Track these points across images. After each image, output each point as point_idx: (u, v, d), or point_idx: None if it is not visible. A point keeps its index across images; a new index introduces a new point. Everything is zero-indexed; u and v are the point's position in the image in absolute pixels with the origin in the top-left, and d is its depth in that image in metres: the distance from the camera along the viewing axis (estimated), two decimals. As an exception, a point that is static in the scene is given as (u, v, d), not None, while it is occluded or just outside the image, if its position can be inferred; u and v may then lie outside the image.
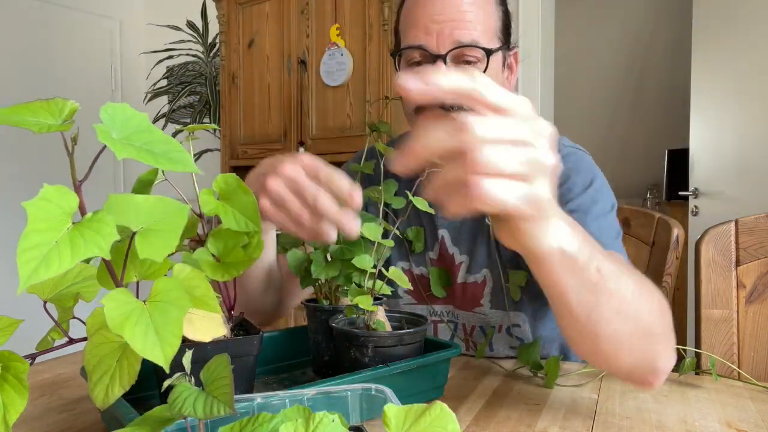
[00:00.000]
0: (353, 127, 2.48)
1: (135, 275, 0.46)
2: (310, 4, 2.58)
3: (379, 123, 0.86)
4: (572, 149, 0.93)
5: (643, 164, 4.16)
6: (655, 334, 0.59)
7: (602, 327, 0.55)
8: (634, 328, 0.57)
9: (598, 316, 0.54)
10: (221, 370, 0.39)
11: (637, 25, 4.19)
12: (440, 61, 0.83)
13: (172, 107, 3.12)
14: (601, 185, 0.89)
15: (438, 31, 0.83)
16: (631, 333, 0.57)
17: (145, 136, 0.39)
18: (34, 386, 0.78)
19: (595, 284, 0.52)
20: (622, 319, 0.55)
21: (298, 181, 0.63)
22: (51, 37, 3.42)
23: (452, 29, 0.83)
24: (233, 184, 0.59)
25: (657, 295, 0.61)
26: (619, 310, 0.55)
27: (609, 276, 0.53)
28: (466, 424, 0.65)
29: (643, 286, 0.59)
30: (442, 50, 0.84)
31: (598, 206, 0.85)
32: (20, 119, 0.37)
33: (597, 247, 0.54)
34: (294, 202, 0.64)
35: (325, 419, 0.36)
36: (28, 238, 0.34)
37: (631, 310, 0.56)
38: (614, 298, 0.54)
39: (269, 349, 0.78)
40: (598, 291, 0.53)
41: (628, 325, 0.56)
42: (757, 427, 0.65)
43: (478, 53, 0.84)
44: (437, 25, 0.83)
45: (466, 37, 0.83)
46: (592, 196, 0.86)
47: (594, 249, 0.53)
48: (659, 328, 0.60)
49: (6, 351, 0.42)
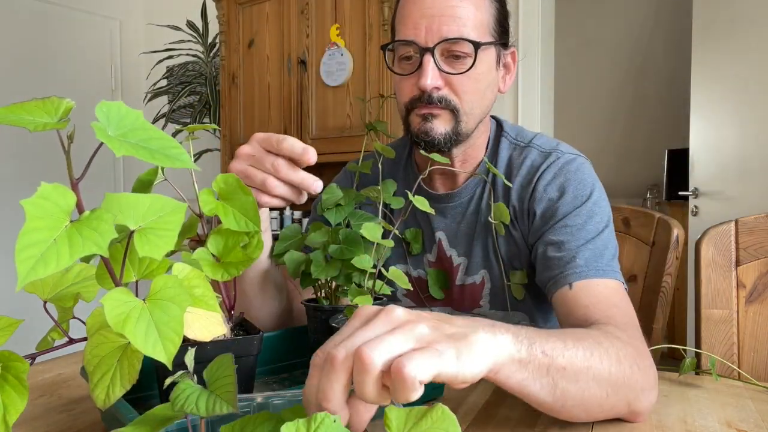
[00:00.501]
0: (353, 127, 2.48)
1: (134, 274, 0.46)
2: (310, 4, 2.58)
3: (377, 122, 0.86)
4: (571, 156, 0.91)
5: (643, 164, 4.17)
6: (622, 385, 0.62)
7: (568, 401, 0.58)
8: (597, 386, 0.60)
9: (561, 393, 0.57)
10: (224, 369, 0.39)
11: (637, 25, 4.19)
12: (427, 55, 0.84)
13: (172, 107, 3.12)
14: (598, 197, 0.87)
15: (427, 26, 0.84)
16: (597, 395, 0.60)
17: (141, 133, 0.39)
18: (34, 386, 0.78)
19: (547, 366, 0.56)
20: (584, 387, 0.59)
21: (256, 155, 0.71)
22: (51, 37, 3.42)
23: (440, 24, 0.83)
24: (233, 184, 0.59)
25: (615, 346, 0.63)
26: (577, 380, 0.58)
27: (555, 353, 0.56)
28: (466, 424, 0.65)
29: (594, 346, 0.61)
30: (429, 44, 0.84)
31: (593, 222, 0.84)
32: (16, 118, 0.37)
33: (533, 331, 0.57)
34: (256, 173, 0.71)
35: (326, 419, 0.36)
36: (26, 236, 0.34)
37: (590, 373, 0.59)
38: (568, 371, 0.57)
39: (269, 349, 0.78)
40: (551, 371, 0.56)
41: (592, 390, 0.59)
42: (757, 427, 0.65)
43: (466, 48, 0.84)
44: (426, 19, 0.84)
45: (454, 32, 0.83)
46: (589, 210, 0.85)
47: (530, 333, 0.56)
48: (625, 378, 0.62)
49: (6, 351, 0.42)
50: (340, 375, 0.43)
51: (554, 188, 0.88)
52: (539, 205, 0.88)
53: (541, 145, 0.94)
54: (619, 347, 0.64)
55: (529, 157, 0.92)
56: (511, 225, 0.91)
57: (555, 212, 0.86)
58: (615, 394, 0.61)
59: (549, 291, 0.83)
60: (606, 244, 0.83)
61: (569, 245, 0.82)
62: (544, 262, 0.85)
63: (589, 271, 0.79)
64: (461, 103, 0.86)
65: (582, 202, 0.86)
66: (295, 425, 0.36)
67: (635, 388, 0.63)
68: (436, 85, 0.85)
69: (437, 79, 0.84)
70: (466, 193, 0.96)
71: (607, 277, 0.79)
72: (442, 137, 0.87)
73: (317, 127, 2.61)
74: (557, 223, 0.85)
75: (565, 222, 0.85)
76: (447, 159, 0.76)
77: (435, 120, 0.86)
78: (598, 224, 0.84)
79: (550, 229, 0.85)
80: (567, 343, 0.59)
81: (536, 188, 0.89)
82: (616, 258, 0.84)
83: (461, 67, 0.85)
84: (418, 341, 0.45)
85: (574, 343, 0.59)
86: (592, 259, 0.80)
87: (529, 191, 0.90)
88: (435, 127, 0.86)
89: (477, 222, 0.95)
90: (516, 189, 0.91)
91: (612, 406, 0.62)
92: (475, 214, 0.95)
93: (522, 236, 0.91)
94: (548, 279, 0.83)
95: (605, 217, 0.86)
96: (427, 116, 0.87)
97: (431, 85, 0.84)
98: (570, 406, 0.59)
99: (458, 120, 0.87)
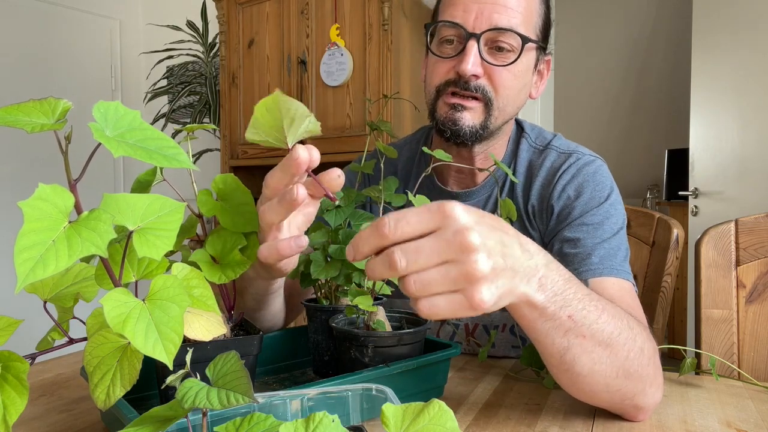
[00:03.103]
0: (353, 127, 2.48)
1: (133, 275, 0.46)
2: (310, 4, 2.58)
3: (379, 122, 0.86)
4: (590, 158, 0.92)
5: (643, 164, 4.16)
6: (634, 374, 0.62)
7: (576, 367, 0.59)
8: (610, 368, 0.60)
9: (571, 358, 0.58)
10: (231, 365, 0.39)
11: (637, 26, 4.19)
12: (472, 40, 0.81)
13: (172, 107, 3.11)
14: (615, 200, 0.88)
15: (477, 11, 0.82)
16: (607, 373, 0.60)
17: (138, 133, 0.39)
18: (34, 386, 0.78)
19: (567, 330, 0.57)
20: (597, 361, 0.59)
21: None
22: (51, 37, 3.42)
23: (492, 11, 0.81)
24: (232, 184, 0.59)
25: (642, 336, 0.63)
26: (592, 352, 0.58)
27: (582, 322, 0.57)
28: (466, 424, 0.64)
29: (624, 329, 0.61)
30: (477, 30, 0.81)
31: (609, 222, 0.85)
32: (14, 119, 0.37)
33: (575, 292, 0.57)
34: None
35: (325, 419, 0.36)
36: (24, 238, 0.34)
37: (606, 353, 0.59)
38: (588, 341, 0.58)
39: (269, 349, 0.78)
40: (570, 335, 0.57)
41: (604, 366, 0.60)
42: (757, 427, 0.65)
43: (513, 40, 0.82)
44: (478, 5, 0.82)
45: (504, 21, 0.81)
46: (606, 211, 0.86)
47: (569, 296, 0.56)
48: (640, 368, 0.62)
49: (6, 351, 0.42)
50: (376, 255, 0.49)
51: (573, 188, 0.89)
52: (557, 204, 0.89)
53: (560, 147, 0.94)
54: (645, 338, 0.64)
55: (549, 159, 0.93)
56: (530, 225, 0.92)
57: (572, 211, 0.87)
58: (625, 379, 0.61)
59: None
60: (619, 245, 0.84)
61: (585, 243, 0.83)
62: (558, 258, 0.85)
63: (603, 269, 0.80)
64: (497, 96, 0.85)
65: (600, 202, 0.87)
66: (294, 425, 0.36)
67: (645, 381, 0.63)
68: (475, 73, 0.82)
69: (478, 66, 0.82)
70: (484, 192, 0.96)
71: (620, 276, 0.80)
72: (468, 129, 0.85)
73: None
74: (574, 221, 0.86)
75: (582, 220, 0.85)
76: (449, 156, 0.74)
77: (465, 111, 0.84)
78: (613, 225, 0.85)
79: (567, 227, 0.86)
80: (602, 316, 0.59)
81: (555, 188, 0.89)
82: (627, 260, 0.84)
83: (503, 60, 0.83)
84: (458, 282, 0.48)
85: (608, 318, 0.59)
86: (606, 257, 0.81)
87: (548, 191, 0.90)
88: (464, 118, 0.84)
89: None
90: (536, 189, 0.92)
91: (617, 390, 0.62)
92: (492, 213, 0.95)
93: (540, 236, 0.92)
94: None
95: (620, 219, 0.87)
96: (456, 106, 0.85)
97: (471, 72, 0.82)
98: (576, 374, 0.60)
99: (489, 114, 0.85)
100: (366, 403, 0.52)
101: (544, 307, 0.54)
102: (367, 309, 0.66)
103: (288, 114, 0.51)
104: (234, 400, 0.36)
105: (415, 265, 0.48)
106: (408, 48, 2.44)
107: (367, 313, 0.69)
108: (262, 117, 0.52)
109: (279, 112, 0.51)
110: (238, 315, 0.64)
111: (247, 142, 2.89)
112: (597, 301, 0.60)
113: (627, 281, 0.80)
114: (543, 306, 0.54)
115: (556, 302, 0.55)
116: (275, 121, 0.52)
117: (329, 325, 0.71)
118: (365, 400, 0.52)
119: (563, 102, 4.16)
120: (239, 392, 0.37)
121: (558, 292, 0.55)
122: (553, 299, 0.55)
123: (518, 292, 0.52)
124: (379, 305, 0.70)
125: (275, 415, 0.41)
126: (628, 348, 0.60)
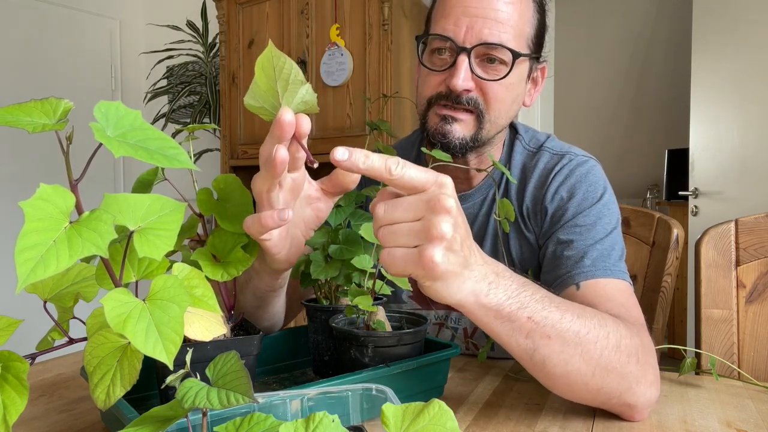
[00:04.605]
0: (353, 127, 2.48)
1: (134, 275, 0.46)
2: (310, 4, 2.58)
3: (379, 122, 0.85)
4: (583, 159, 0.92)
5: (643, 164, 4.16)
6: (613, 371, 0.62)
7: (548, 367, 0.61)
8: (585, 367, 0.61)
9: (541, 359, 0.60)
10: (231, 365, 0.39)
11: (637, 26, 4.19)
12: (463, 55, 0.81)
13: (172, 107, 3.11)
14: (608, 200, 0.88)
15: (468, 25, 0.81)
16: (582, 372, 0.61)
17: (139, 133, 0.39)
18: (34, 386, 0.78)
19: (529, 331, 0.58)
20: (569, 361, 0.60)
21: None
22: (51, 37, 3.42)
23: (483, 26, 0.81)
24: (233, 184, 0.59)
25: (618, 334, 0.64)
26: (562, 352, 0.60)
27: (544, 322, 0.59)
28: (466, 424, 0.65)
29: (594, 327, 0.62)
30: (467, 44, 0.81)
31: (602, 222, 0.84)
32: (15, 119, 0.37)
33: (531, 294, 0.59)
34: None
35: (325, 419, 0.36)
36: (25, 238, 0.34)
37: (577, 351, 0.60)
38: (554, 342, 0.59)
39: (269, 349, 0.78)
40: (534, 336, 0.59)
41: (577, 365, 0.60)
42: (757, 427, 0.65)
43: (503, 55, 0.82)
44: (468, 18, 0.81)
45: (495, 36, 0.81)
46: (599, 211, 0.86)
47: (524, 299, 0.58)
48: (619, 366, 0.62)
49: (6, 351, 0.42)
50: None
51: (565, 189, 0.88)
52: (551, 205, 0.89)
53: (553, 148, 0.94)
54: (624, 336, 0.64)
55: (542, 160, 0.93)
56: (525, 227, 0.92)
57: (565, 212, 0.87)
58: (603, 377, 0.62)
59: (555, 289, 0.83)
60: (613, 245, 0.83)
61: (578, 245, 0.83)
62: (552, 260, 0.85)
63: (596, 271, 0.80)
64: (489, 109, 0.85)
65: (592, 203, 0.86)
66: (294, 425, 0.36)
67: (629, 378, 0.63)
68: (466, 88, 0.82)
69: (469, 81, 0.82)
70: (479, 195, 0.96)
71: (614, 276, 0.80)
72: (458, 142, 0.85)
73: (317, 127, 2.61)
74: (568, 223, 0.86)
75: (575, 222, 0.85)
76: (449, 156, 0.73)
77: (455, 123, 0.84)
78: (606, 225, 0.85)
79: (560, 229, 0.86)
80: (565, 316, 0.60)
81: (548, 189, 0.89)
82: (623, 259, 0.84)
83: (495, 74, 0.83)
84: (418, 238, 0.52)
85: (573, 317, 0.61)
86: (599, 259, 0.81)
87: (542, 192, 0.90)
88: (454, 130, 0.84)
89: (488, 223, 0.95)
90: (530, 191, 0.92)
91: (599, 388, 0.62)
92: (487, 216, 0.95)
93: (535, 238, 0.91)
94: (555, 278, 0.83)
95: (614, 219, 0.87)
96: (447, 118, 0.85)
97: (462, 87, 0.82)
98: (551, 374, 0.61)
99: (481, 126, 0.85)
100: (366, 403, 0.52)
101: (498, 308, 0.57)
102: (367, 309, 0.66)
103: (281, 73, 0.51)
104: (234, 400, 0.36)
105: (390, 216, 0.52)
106: (408, 48, 2.44)
107: (367, 313, 0.70)
108: (260, 79, 0.52)
109: (273, 70, 0.51)
110: (238, 315, 0.64)
111: (247, 142, 2.89)
112: (559, 302, 0.61)
113: (622, 281, 0.80)
114: (496, 308, 0.57)
115: (511, 304, 0.57)
116: (269, 82, 0.52)
117: (329, 325, 0.71)
118: (365, 400, 0.52)
119: (563, 102, 4.16)
120: (239, 392, 0.37)
121: (512, 294, 0.57)
122: (507, 302, 0.57)
123: (468, 287, 0.54)
124: (379, 305, 0.70)
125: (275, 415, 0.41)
126: (601, 346, 0.61)
